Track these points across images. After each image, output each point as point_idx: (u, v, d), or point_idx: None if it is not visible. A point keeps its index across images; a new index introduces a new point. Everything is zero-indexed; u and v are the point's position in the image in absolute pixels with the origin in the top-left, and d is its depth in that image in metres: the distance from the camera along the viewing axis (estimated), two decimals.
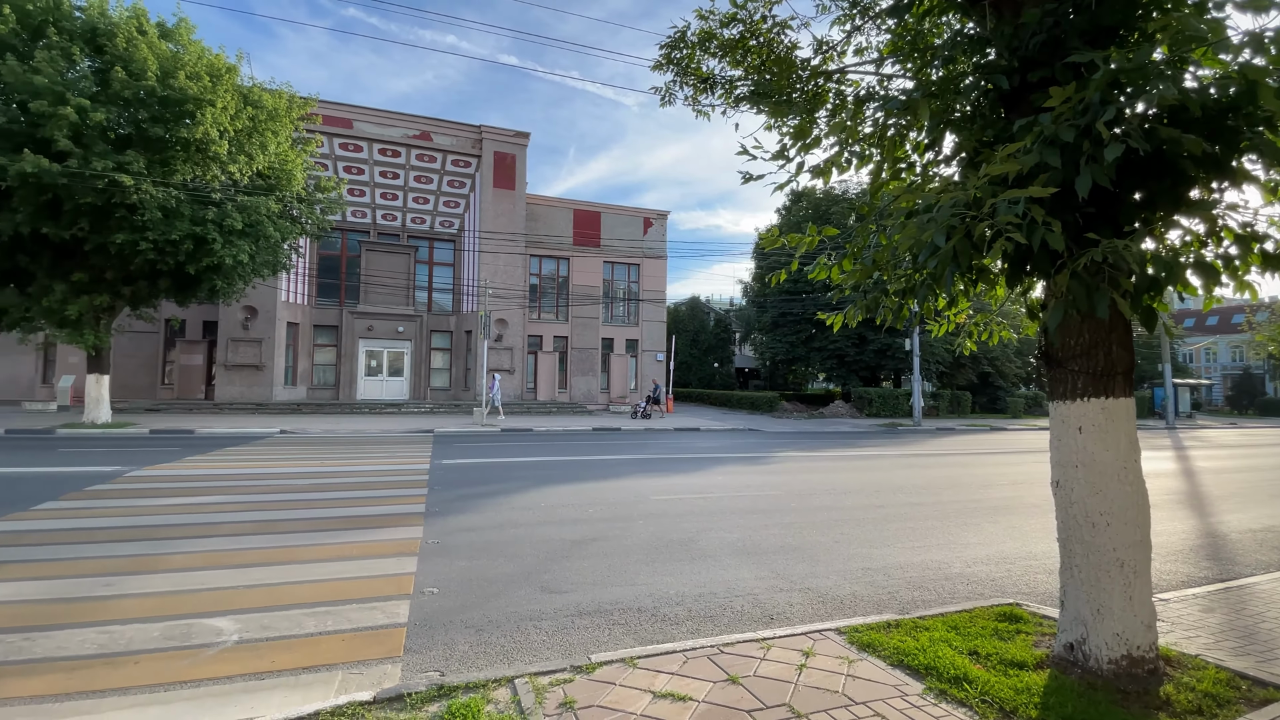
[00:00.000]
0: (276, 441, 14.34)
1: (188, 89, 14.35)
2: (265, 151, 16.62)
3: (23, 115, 13.85)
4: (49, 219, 14.39)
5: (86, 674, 3.28)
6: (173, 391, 24.56)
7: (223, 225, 15.34)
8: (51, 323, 16.02)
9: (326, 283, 27.24)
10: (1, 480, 8.51)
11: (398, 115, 25.45)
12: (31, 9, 14.37)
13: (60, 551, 5.33)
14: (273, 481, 8.95)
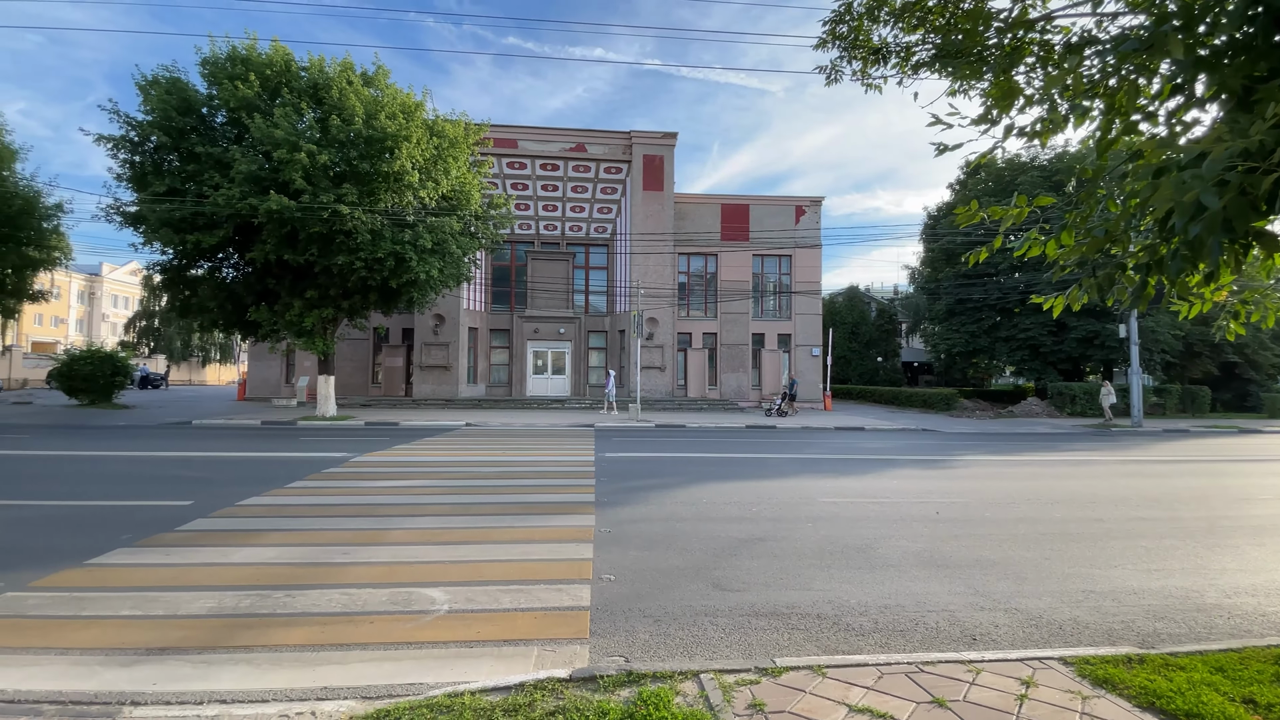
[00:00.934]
0: (463, 433, 16.00)
1: (387, 127, 16.53)
2: (448, 176, 18.62)
3: (267, 163, 16.88)
4: (289, 247, 17.40)
5: (334, 629, 3.86)
6: (380, 389, 28.51)
7: (416, 244, 17.46)
8: (291, 333, 19.34)
9: (499, 290, 29.89)
10: (264, 462, 10.44)
11: (555, 130, 27.13)
12: (269, 74, 17.47)
13: (307, 523, 6.37)
14: (465, 469, 9.97)
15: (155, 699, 2.94)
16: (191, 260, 19.06)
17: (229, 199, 15.97)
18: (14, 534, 5.81)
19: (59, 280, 52.40)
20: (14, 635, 3.65)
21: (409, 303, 20.01)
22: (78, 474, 9.10)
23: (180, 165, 17.39)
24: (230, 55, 17.46)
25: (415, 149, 17.08)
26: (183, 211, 16.74)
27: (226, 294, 19.39)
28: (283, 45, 17.73)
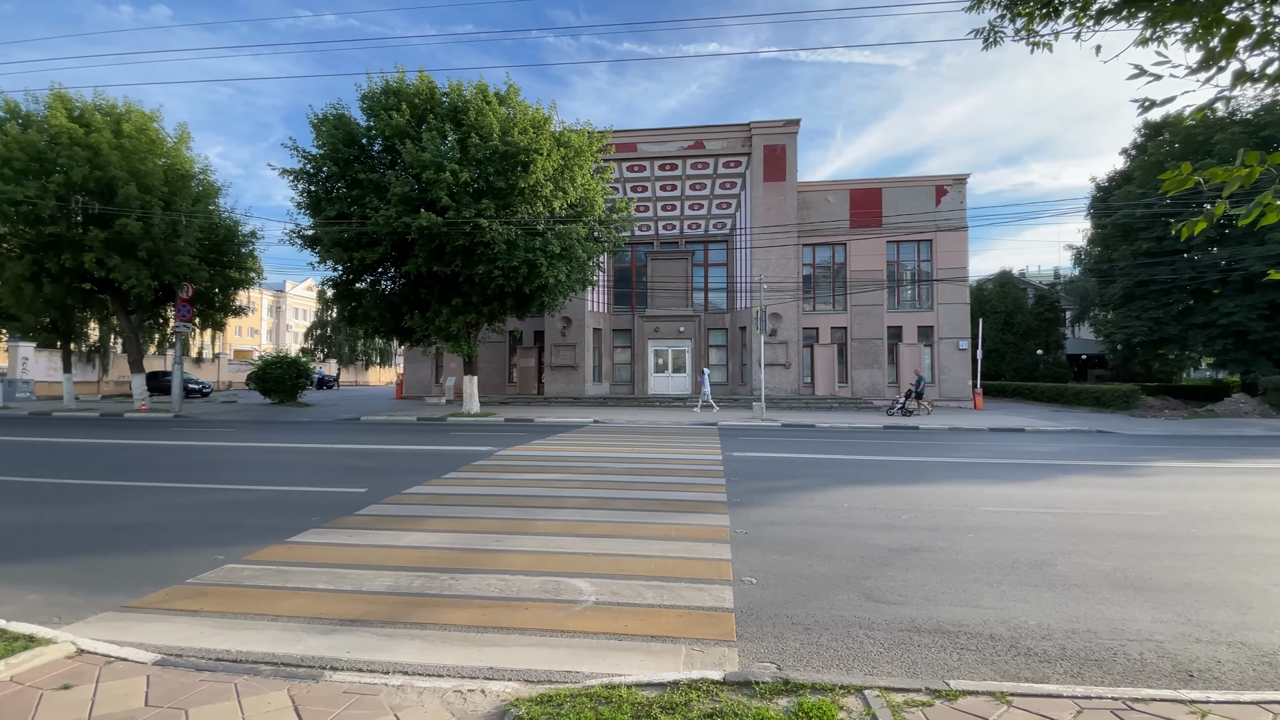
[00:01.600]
0: (592, 430, 16.55)
1: (519, 142, 17.51)
2: (575, 185, 19.37)
3: (417, 184, 18.54)
4: (437, 260, 19.01)
5: (494, 613, 4.09)
6: (515, 388, 30.37)
7: (546, 251, 18.35)
8: (440, 337, 21.12)
9: (621, 291, 30.63)
10: (421, 454, 11.47)
11: (672, 130, 27.24)
12: (417, 102, 19.16)
13: (463, 511, 6.86)
14: (598, 464, 10.28)
15: (349, 665, 3.28)
16: (357, 275, 21.46)
17: (387, 219, 17.76)
18: (231, 514, 6.84)
19: (253, 297, 61.52)
20: (235, 602, 4.26)
21: (540, 307, 21.10)
22: (275, 463, 10.56)
23: (346, 191, 19.63)
24: (385, 89, 19.41)
25: (546, 161, 17.95)
26: (349, 232, 18.88)
27: (386, 304, 21.61)
28: (428, 75, 19.39)
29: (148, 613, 4.04)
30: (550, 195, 18.58)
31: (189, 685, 2.97)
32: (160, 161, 22.73)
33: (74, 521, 6.47)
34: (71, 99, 22.04)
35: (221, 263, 25.23)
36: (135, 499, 7.56)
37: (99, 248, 20.78)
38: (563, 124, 20.32)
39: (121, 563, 5.11)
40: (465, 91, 19.41)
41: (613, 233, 22.17)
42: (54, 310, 23.37)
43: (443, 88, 19.67)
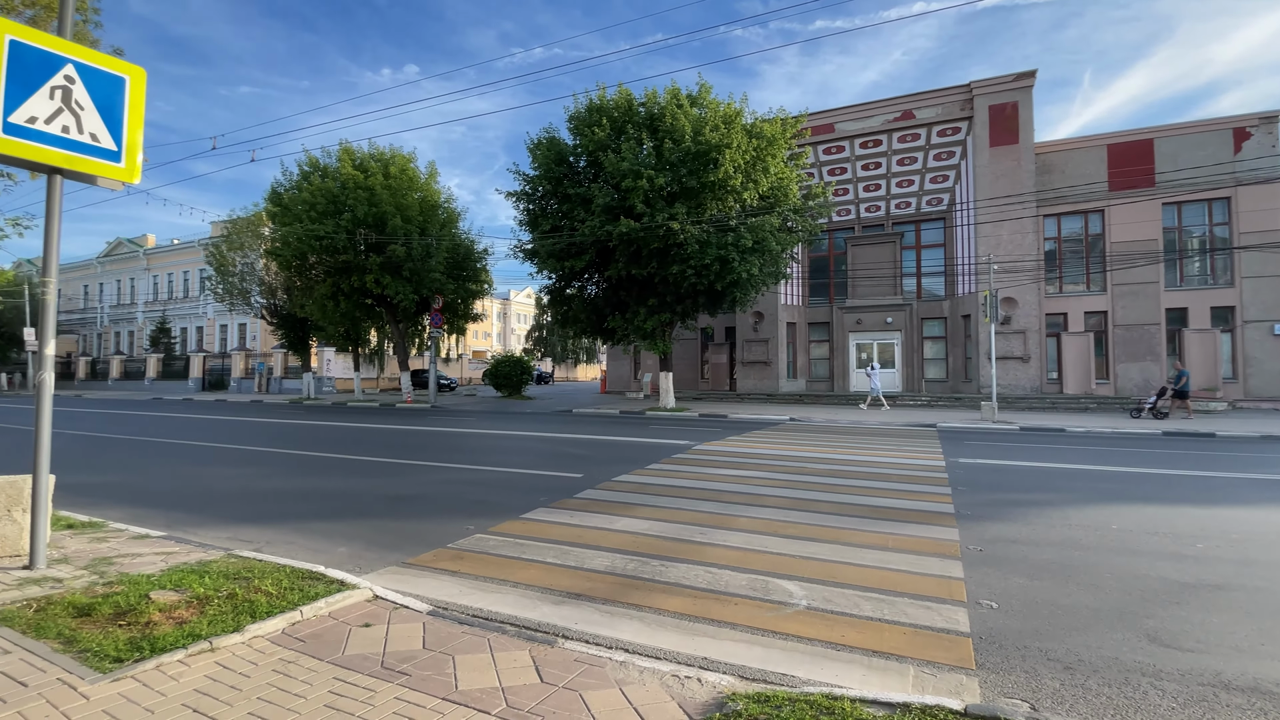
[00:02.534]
0: (788, 428, 16.05)
1: (710, 139, 17.65)
2: (767, 175, 18.96)
3: (616, 193, 19.68)
4: (635, 264, 20.02)
5: (704, 604, 4.13)
6: (708, 384, 30.77)
7: (738, 245, 18.23)
8: (638, 336, 22.23)
9: (817, 283, 29.25)
10: (625, 445, 12.16)
11: (874, 104, 25.20)
12: (616, 115, 20.30)
13: (667, 501, 7.10)
14: (796, 463, 9.93)
15: (578, 636, 3.56)
16: (567, 282, 23.53)
17: (591, 228, 19.18)
18: (476, 490, 7.92)
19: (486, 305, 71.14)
20: (483, 566, 4.90)
21: (732, 303, 21.06)
22: (507, 448, 12.02)
23: (558, 206, 21.61)
24: (588, 107, 20.94)
25: (736, 154, 17.85)
26: (560, 244, 20.76)
27: (591, 307, 23.38)
28: (626, 88, 20.48)
29: (420, 570, 4.84)
30: (740, 187, 18.43)
31: (453, 635, 3.48)
32: (416, 195, 27.36)
33: (368, 490, 8.04)
34: (354, 151, 27.53)
35: (462, 277, 29.54)
36: (407, 474, 9.17)
37: (376, 270, 25.71)
38: (754, 114, 20.01)
39: (399, 526, 6.21)
40: (660, 98, 20.11)
41: (808, 221, 21.28)
42: (347, 321, 29.42)
43: (639, 98, 20.60)
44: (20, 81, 4.19)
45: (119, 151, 4.67)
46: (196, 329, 50.08)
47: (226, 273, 32.25)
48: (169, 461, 10.63)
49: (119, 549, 4.97)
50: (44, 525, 4.45)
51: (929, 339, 27.18)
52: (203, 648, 3.19)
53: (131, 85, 4.78)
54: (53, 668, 2.98)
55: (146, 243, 54.83)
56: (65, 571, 4.39)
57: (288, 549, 5.26)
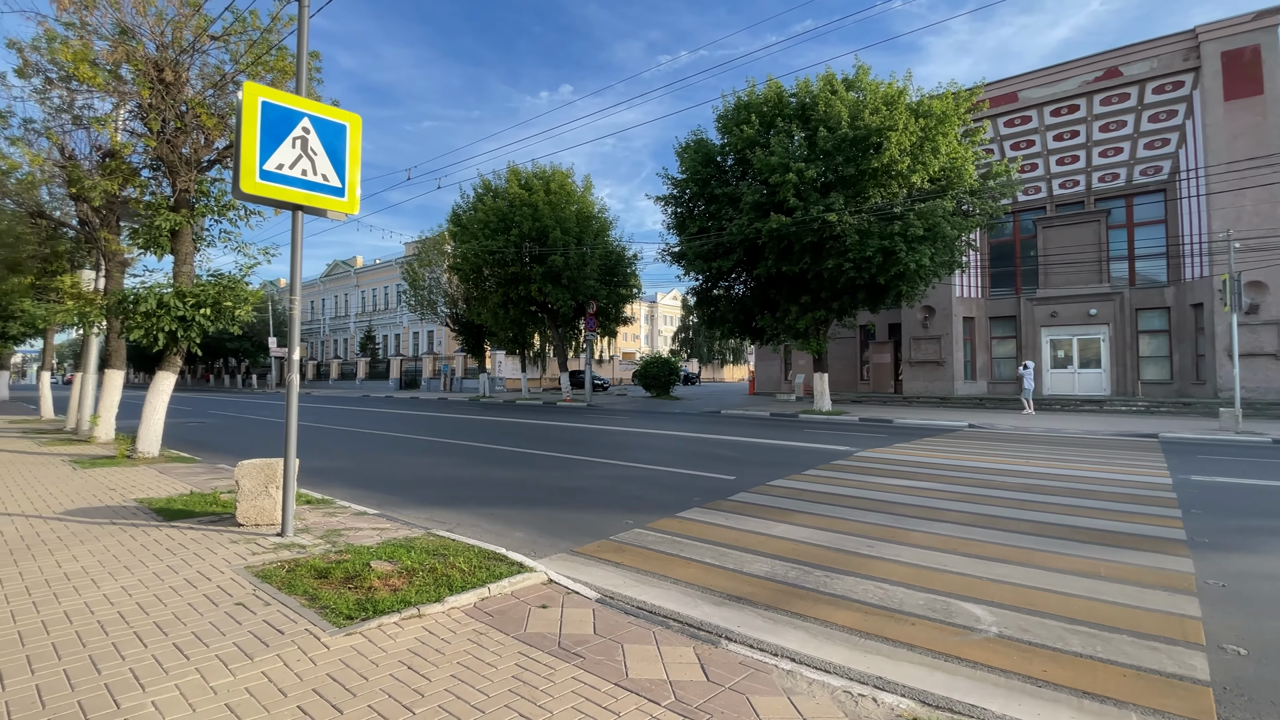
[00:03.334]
0: (967, 435, 14.52)
1: (871, 123, 16.57)
2: (938, 156, 17.37)
3: (765, 189, 19.21)
4: (786, 260, 19.41)
5: (875, 621, 3.87)
6: (868, 385, 28.90)
7: (906, 235, 16.88)
8: (789, 335, 21.52)
9: (999, 272, 26.20)
10: (778, 449, 11.83)
11: (1068, 65, 21.99)
12: (765, 110, 19.83)
13: (827, 510, 6.76)
14: (978, 476, 8.94)
15: (741, 639, 3.52)
16: (714, 283, 23.51)
17: (739, 227, 18.95)
18: (631, 487, 8.19)
19: (634, 309, 73.47)
20: (644, 561, 5.03)
21: (897, 297, 19.57)
22: (658, 447, 12.29)
23: (705, 208, 21.68)
24: (736, 105, 20.75)
25: (902, 136, 16.58)
26: (708, 244, 20.79)
27: (739, 306, 23.12)
28: (776, 81, 19.96)
29: (586, 559, 5.11)
30: (907, 171, 17.06)
31: (621, 624, 3.62)
32: (573, 208, 29.08)
33: (536, 481, 8.68)
34: (519, 171, 29.95)
35: (614, 282, 30.84)
36: (568, 468, 9.75)
37: (539, 279, 27.74)
38: (920, 91, 18.45)
39: (565, 516, 6.61)
40: (812, 86, 19.33)
41: (988, 203, 19.13)
42: (515, 327, 32.08)
43: (790, 89, 19.97)
44: (270, 135, 5.12)
45: (343, 188, 5.52)
46: (395, 336, 57.89)
47: (417, 286, 36.89)
48: (376, 449, 12.37)
49: (345, 523, 5.87)
50: (291, 500, 5.39)
51: (1146, 333, 23.08)
52: (412, 614, 3.65)
53: (351, 131, 5.63)
54: (301, 620, 3.59)
55: (356, 263, 64.56)
56: (307, 540, 5.27)
57: (473, 531, 5.84)
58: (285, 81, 9.86)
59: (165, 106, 9.48)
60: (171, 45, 9.61)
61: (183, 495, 7.09)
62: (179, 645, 3.26)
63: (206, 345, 9.65)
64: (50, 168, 11.77)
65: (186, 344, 9.43)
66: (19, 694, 2.76)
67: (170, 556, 4.81)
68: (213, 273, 10.10)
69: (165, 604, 3.84)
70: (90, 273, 14.41)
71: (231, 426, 18.01)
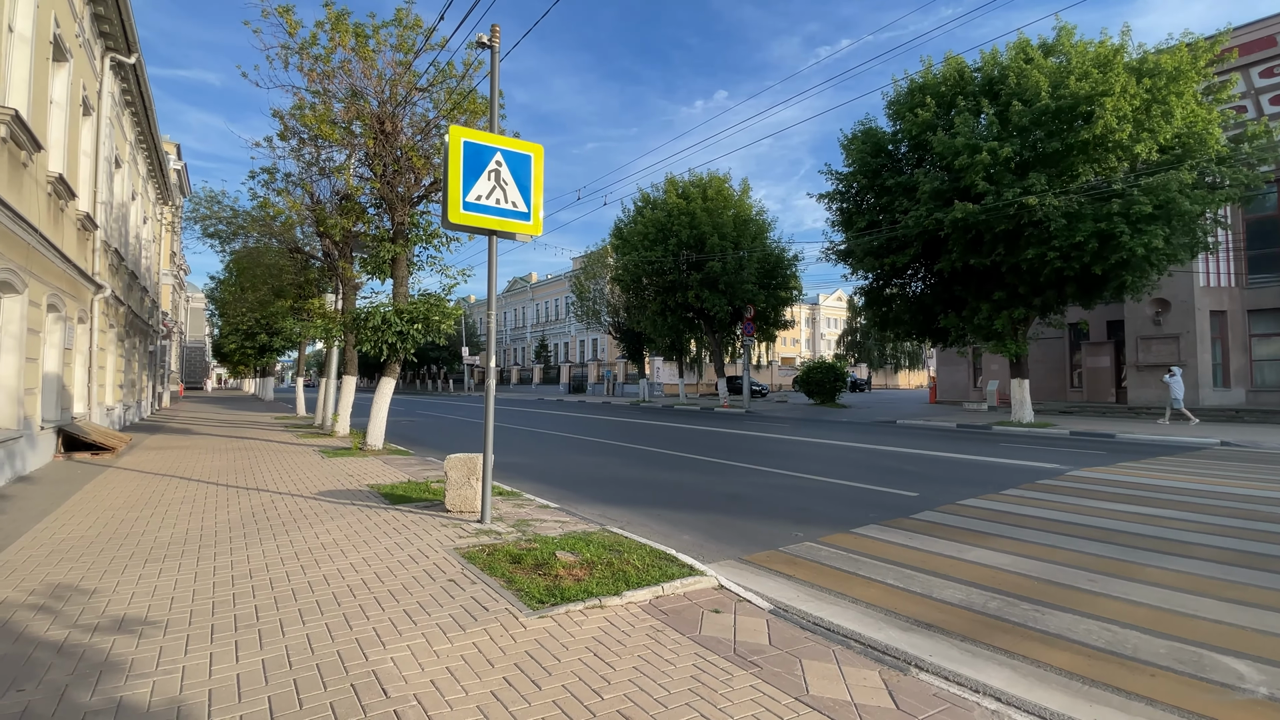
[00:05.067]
0: (1219, 454, 11.92)
1: (1079, 91, 14.40)
2: (1170, 120, 14.58)
3: (946, 175, 17.44)
4: (973, 252, 17.47)
5: (1102, 667, 3.32)
6: (1081, 394, 24.95)
7: (1129, 214, 14.35)
8: (979, 336, 19.30)
9: (1260, 254, 21.18)
10: (969, 464, 10.66)
11: None
12: (943, 90, 18.06)
13: (1033, 535, 5.95)
14: (1235, 504, 7.29)
15: (933, 670, 3.23)
16: (887, 281, 21.90)
17: (917, 219, 17.46)
18: (798, 498, 7.91)
19: (794, 311, 71.15)
20: (818, 575, 4.84)
21: (1118, 289, 16.68)
22: (825, 457, 11.73)
23: (875, 200, 20.31)
24: (909, 88, 19.21)
25: (1120, 101, 14.16)
26: (879, 240, 19.44)
27: (916, 306, 21.28)
28: (956, 56, 18.17)
29: (756, 568, 5.05)
30: (1129, 141, 14.50)
31: (797, 638, 3.52)
32: (730, 213, 28.99)
33: (700, 485, 8.77)
34: (676, 182, 30.58)
35: (772, 285, 30.16)
36: (730, 474, 9.70)
37: (695, 286, 28.06)
38: (1143, 47, 15.64)
39: (731, 522, 6.58)
40: (1001, 57, 17.29)
41: (1241, 171, 15.60)
42: (673, 334, 32.73)
43: (973, 65, 18.06)
44: (471, 170, 5.80)
45: (529, 213, 6.08)
46: (564, 344, 62.26)
47: (583, 298, 39.32)
48: (551, 448, 13.37)
49: (531, 515, 6.44)
50: (489, 492, 6.02)
51: None
52: (594, 604, 3.88)
53: (535, 160, 6.19)
54: (501, 599, 4.00)
55: (531, 279, 70.62)
56: (501, 528, 5.86)
57: (643, 530, 6.06)
58: (476, 121, 11.12)
59: (385, 153, 11.19)
60: (390, 100, 11.34)
61: (403, 483, 8.27)
62: (407, 612, 3.81)
63: (416, 354, 11.19)
64: (303, 211, 14.43)
65: (403, 353, 11.00)
66: (295, 641, 3.42)
67: (396, 535, 5.64)
68: (422, 293, 11.69)
69: (395, 575, 4.51)
70: (331, 296, 17.44)
71: (435, 424, 20.63)
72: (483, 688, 2.89)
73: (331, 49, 10.77)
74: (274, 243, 17.32)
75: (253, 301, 20.82)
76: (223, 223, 17.24)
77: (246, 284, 19.89)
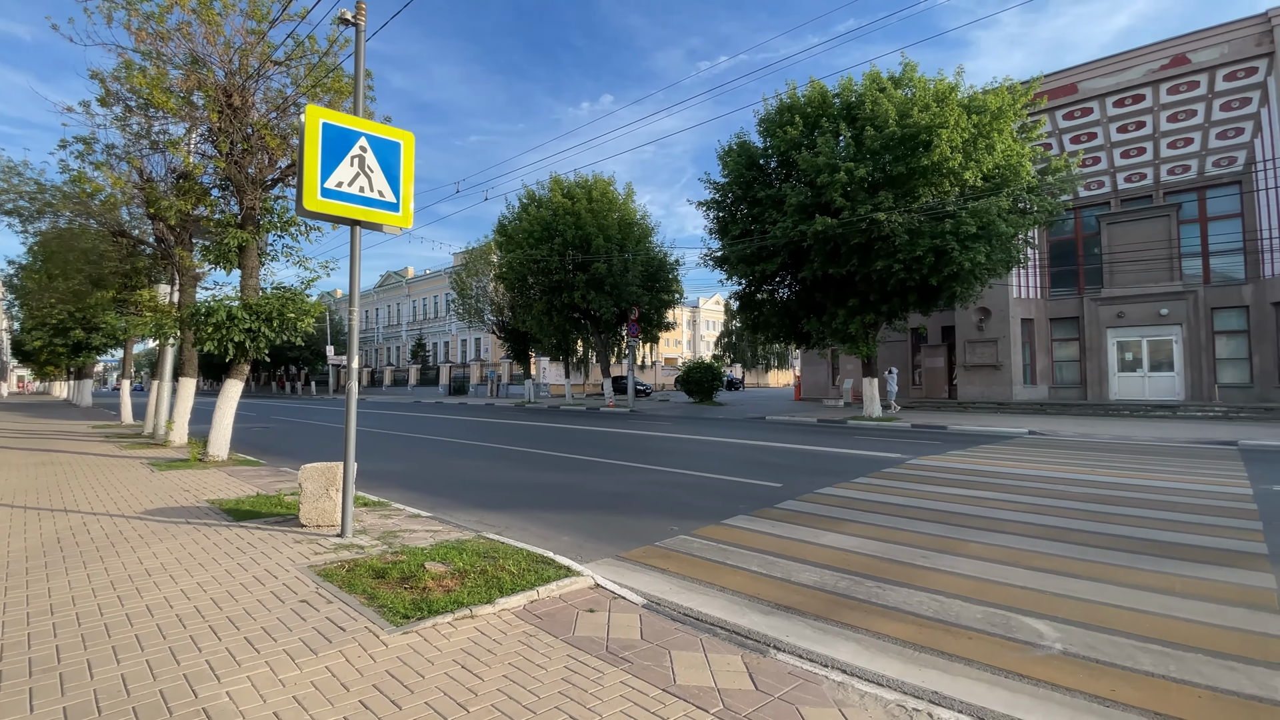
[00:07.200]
0: (1027, 442, 13.92)
1: (920, 121, 16.16)
2: (992, 152, 16.80)
3: (810, 190, 18.89)
4: (832, 262, 19.05)
5: (930, 634, 3.76)
6: (921, 391, 28.03)
7: (958, 233, 16.35)
8: (836, 339, 21.08)
9: (1060, 271, 25.08)
10: (827, 456, 11.60)
11: (1131, 53, 20.93)
12: (809, 111, 19.56)
13: (879, 519, 6.59)
14: (1041, 485, 8.56)
15: (789, 649, 3.47)
16: (758, 287, 23.27)
17: (784, 229, 18.72)
18: (676, 493, 8.18)
19: (676, 314, 73.40)
20: (689, 568, 5.03)
21: (950, 298, 18.97)
22: (702, 453, 12.23)
23: (748, 211, 21.50)
24: (779, 107, 20.56)
25: (953, 133, 16.10)
26: (751, 248, 20.60)
27: (784, 311, 22.80)
28: (819, 81, 19.70)
29: (632, 564, 5.14)
30: (960, 168, 16.54)
31: (667, 630, 3.63)
32: (615, 216, 29.34)
33: (582, 486, 8.78)
34: (562, 181, 30.41)
35: (656, 288, 30.92)
36: (612, 473, 9.81)
37: (582, 286, 28.07)
38: (971, 88, 17.90)
39: (611, 520, 6.66)
40: (857, 86, 18.99)
41: (1046, 199, 18.35)
42: (559, 334, 32.51)
43: (834, 89, 19.68)
44: (331, 154, 5.37)
45: (398, 203, 5.75)
46: (444, 344, 59.55)
47: (465, 295, 37.86)
48: (427, 453, 12.74)
49: (400, 525, 6.08)
50: (350, 503, 5.61)
51: (1223, 334, 21.65)
52: (465, 614, 3.75)
53: (404, 148, 5.86)
54: (361, 618, 3.74)
55: (407, 274, 66.77)
56: (365, 541, 5.48)
57: (521, 534, 5.95)
58: (341, 101, 10.33)
59: (233, 130, 10.06)
60: (239, 72, 10.21)
61: (250, 497, 7.48)
62: (250, 639, 3.45)
63: (269, 354, 10.16)
64: (130, 190, 12.59)
65: (253, 353, 9.94)
66: (106, 683, 2.97)
67: (240, 555, 5.09)
68: (276, 286, 10.64)
69: (236, 600, 4.07)
70: (166, 287, 15.37)
71: (293, 431, 18.85)
72: (335, 715, 2.68)
73: (167, 7, 9.50)
74: (92, 224, 14.96)
75: (64, 291, 17.89)
76: (24, 198, 14.62)
77: (56, 270, 17.07)
